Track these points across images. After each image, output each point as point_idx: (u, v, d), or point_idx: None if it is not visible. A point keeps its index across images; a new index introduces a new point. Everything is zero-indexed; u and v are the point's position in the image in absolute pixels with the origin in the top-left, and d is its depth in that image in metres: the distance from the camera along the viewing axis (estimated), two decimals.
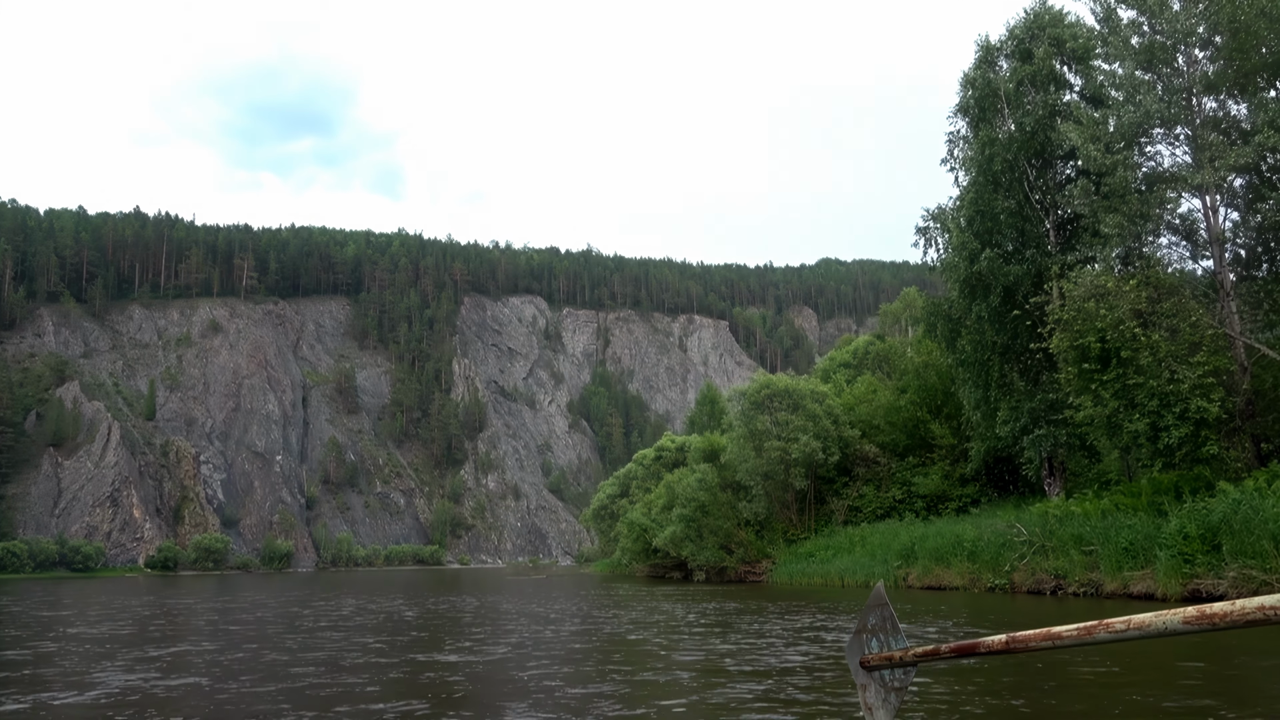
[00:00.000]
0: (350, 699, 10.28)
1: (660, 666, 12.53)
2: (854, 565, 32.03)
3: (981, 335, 31.34)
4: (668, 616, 22.02)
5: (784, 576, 36.14)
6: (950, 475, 37.15)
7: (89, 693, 11.46)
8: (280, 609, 29.27)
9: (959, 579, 26.40)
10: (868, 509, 37.99)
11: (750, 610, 22.93)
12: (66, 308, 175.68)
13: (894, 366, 45.77)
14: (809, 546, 36.86)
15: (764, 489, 38.57)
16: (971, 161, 31.32)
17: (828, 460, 37.87)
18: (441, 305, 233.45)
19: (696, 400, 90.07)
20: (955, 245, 31.23)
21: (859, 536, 34.72)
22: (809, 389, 39.27)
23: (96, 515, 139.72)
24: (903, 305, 64.53)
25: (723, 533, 39.61)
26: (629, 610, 24.94)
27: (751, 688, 10.38)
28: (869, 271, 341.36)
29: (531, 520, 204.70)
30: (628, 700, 9.44)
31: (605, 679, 11.19)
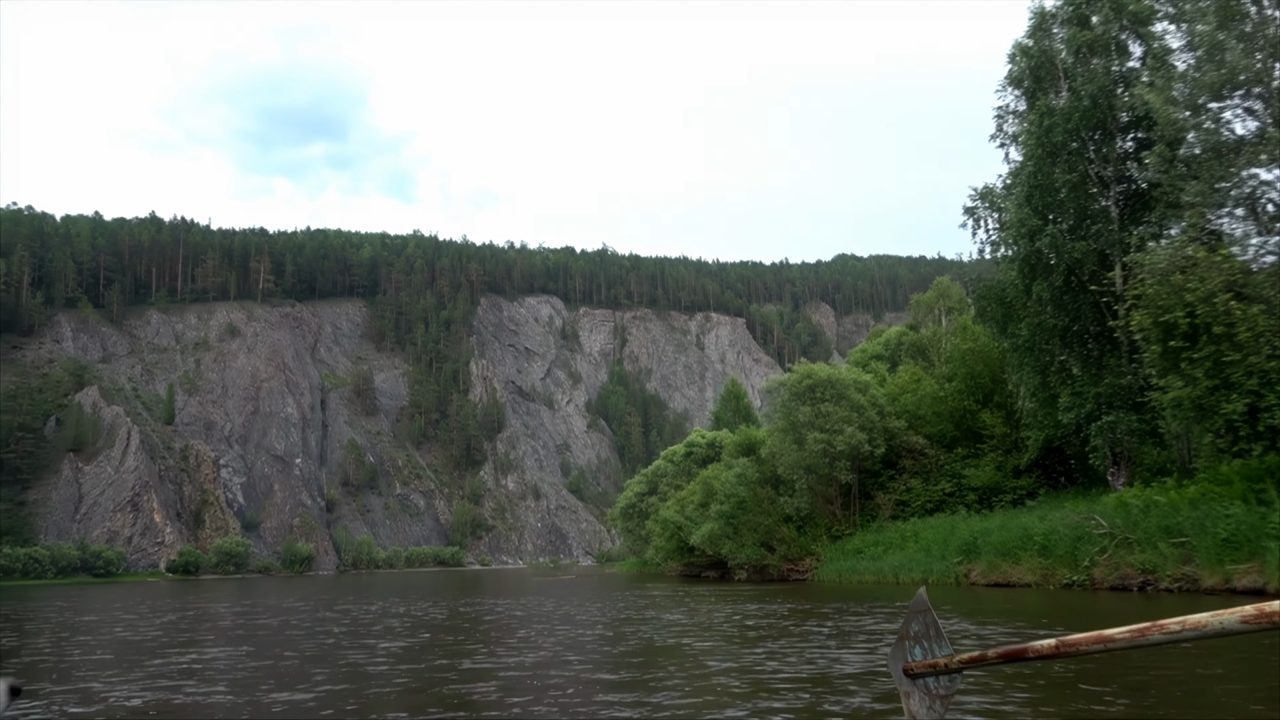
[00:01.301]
0: (390, 707, 9.69)
1: (709, 673, 11.54)
2: (908, 562, 30.39)
3: (1041, 317, 29.63)
4: (712, 619, 20.55)
5: (831, 574, 34.54)
6: (1003, 467, 35.42)
7: (122, 699, 10.81)
8: (310, 613, 28.04)
9: (1030, 575, 24.72)
10: (916, 503, 36.32)
11: (802, 611, 21.41)
12: (84, 314, 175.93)
13: (938, 354, 44.03)
14: (856, 543, 35.24)
15: (806, 483, 36.97)
16: (1029, 134, 29.59)
17: (873, 452, 36.23)
18: (458, 306, 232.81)
19: (720, 396, 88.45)
20: (1012, 223, 29.52)
21: (910, 531, 33.08)
22: (852, 378, 37.64)
23: (117, 520, 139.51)
24: (936, 295, 62.70)
25: (763, 529, 38.04)
26: (668, 612, 23.47)
27: (801, 696, 9.42)
28: (886, 267, 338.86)
29: (551, 520, 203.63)
30: (677, 712, 8.67)
31: (650, 688, 10.28)
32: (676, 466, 62.16)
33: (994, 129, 34.27)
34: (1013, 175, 32.06)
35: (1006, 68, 33.16)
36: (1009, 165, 33.77)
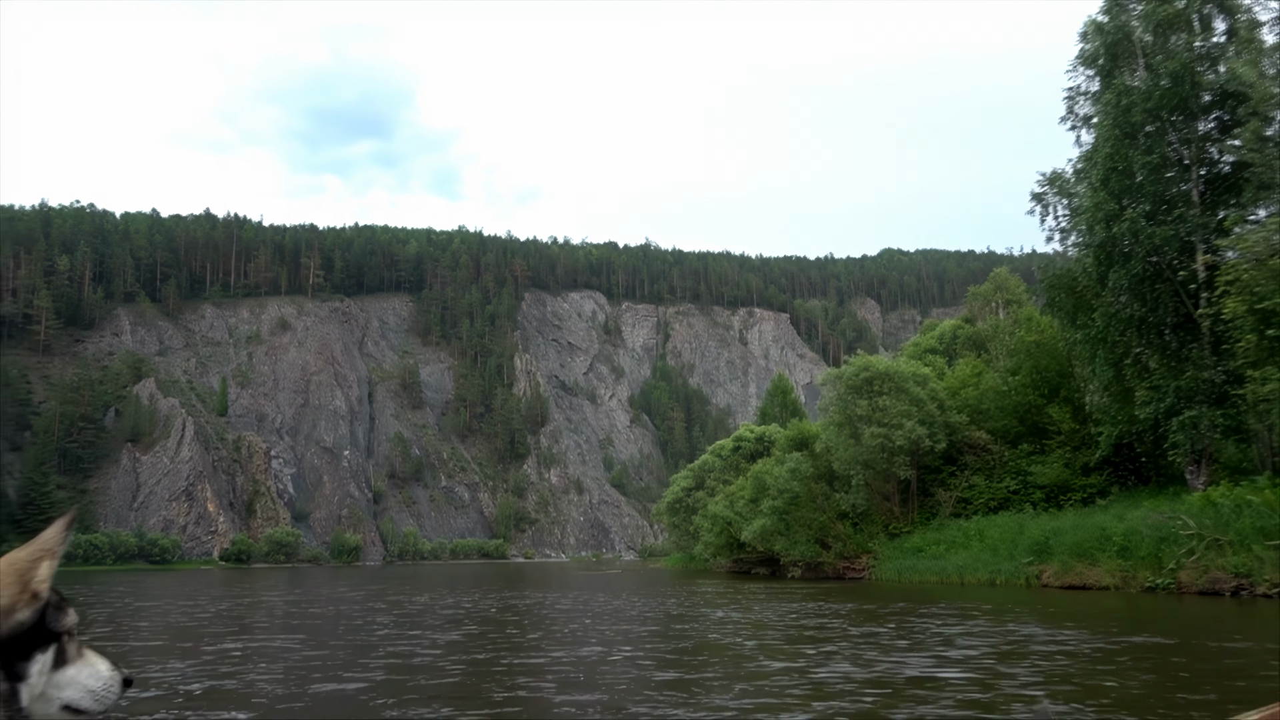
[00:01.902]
0: (442, 700, 9.52)
1: (766, 674, 11.12)
2: (974, 561, 29.29)
3: (1116, 307, 28.31)
4: (766, 617, 19.81)
5: (890, 573, 33.54)
6: (1072, 464, 34.06)
7: (179, 683, 10.97)
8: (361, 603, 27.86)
9: (1108, 578, 23.56)
10: (978, 500, 35.11)
11: (862, 612, 20.56)
12: (142, 307, 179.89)
13: (1001, 347, 42.59)
14: (916, 541, 34.18)
15: (863, 479, 35.96)
16: (1105, 114, 28.26)
17: (934, 448, 35.10)
18: (502, 301, 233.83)
19: (767, 391, 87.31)
20: (1086, 208, 28.23)
21: (974, 530, 31.93)
22: (911, 371, 36.52)
23: (173, 509, 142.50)
24: (993, 287, 61.01)
25: (817, 526, 37.12)
26: (720, 609, 22.79)
27: (863, 701, 9.03)
28: (933, 261, 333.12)
29: (594, 515, 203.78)
30: (734, 714, 8.39)
31: (706, 688, 9.90)
32: (724, 461, 61.32)
33: (1064, 111, 32.96)
34: (1085, 159, 30.73)
35: (1078, 46, 31.81)
36: (1080, 149, 32.46)
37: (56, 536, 1.14)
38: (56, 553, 1.14)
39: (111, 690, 1.27)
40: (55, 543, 1.14)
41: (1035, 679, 10.13)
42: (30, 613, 1.11)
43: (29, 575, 1.11)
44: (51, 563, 1.14)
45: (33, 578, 1.12)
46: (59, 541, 1.14)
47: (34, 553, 1.12)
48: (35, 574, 1.11)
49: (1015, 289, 59.95)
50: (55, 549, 1.14)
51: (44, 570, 1.12)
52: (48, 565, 1.13)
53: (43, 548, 1.13)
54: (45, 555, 1.13)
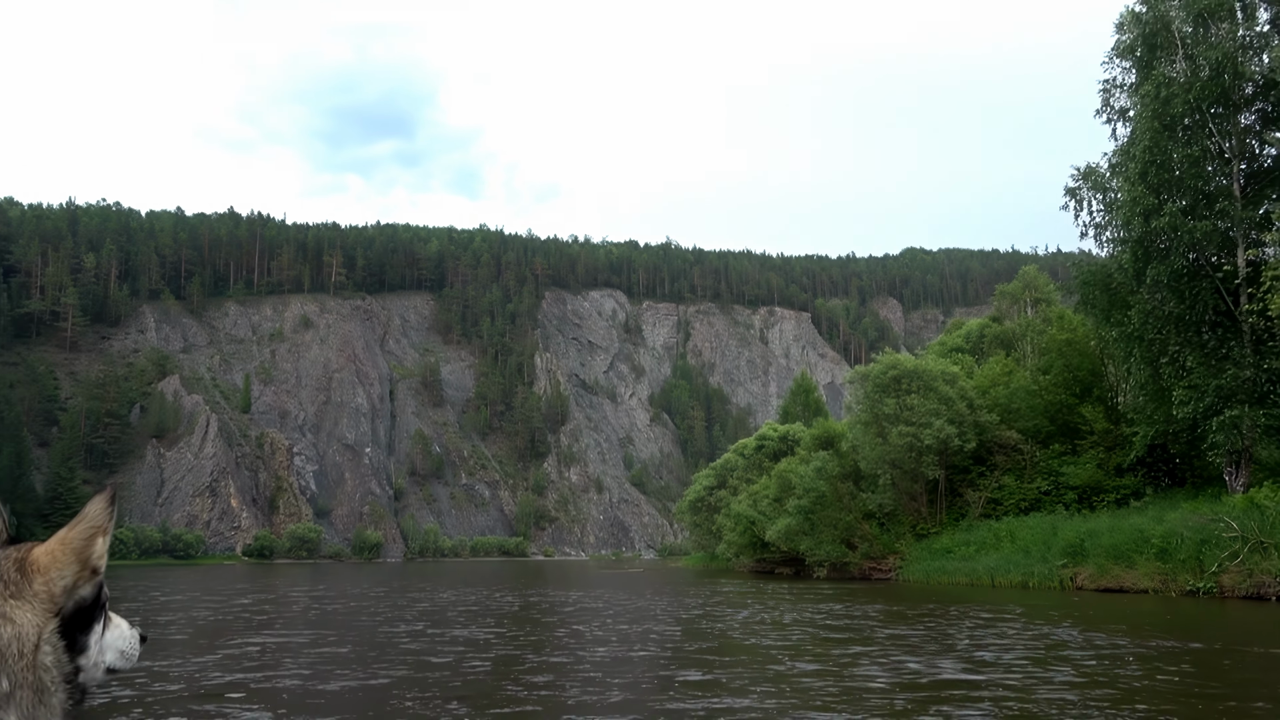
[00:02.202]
0: (467, 698, 9.36)
1: (794, 675, 10.85)
2: (1005, 563, 28.70)
3: (1156, 304, 27.62)
4: (793, 618, 19.40)
5: (917, 574, 32.98)
6: (1105, 465, 33.36)
7: (204, 677, 10.90)
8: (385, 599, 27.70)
9: (1146, 581, 22.95)
10: (1009, 501, 34.46)
11: (891, 613, 20.11)
12: (167, 305, 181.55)
13: (1032, 345, 41.83)
14: (944, 541, 33.58)
15: (890, 478, 35.39)
16: (1144, 105, 27.57)
17: (963, 447, 34.47)
18: (523, 299, 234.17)
19: (790, 390, 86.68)
20: (1124, 202, 27.55)
21: (1005, 531, 31.32)
22: (939, 369, 35.89)
23: (196, 504, 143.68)
24: (1021, 285, 60.09)
25: (843, 526, 36.59)
26: (744, 609, 22.40)
27: (895, 703, 8.71)
28: (956, 260, 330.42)
29: (614, 513, 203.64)
30: (762, 715, 8.16)
31: (733, 690, 9.62)
32: (747, 460, 60.82)
33: (1099, 104, 32.31)
34: (1122, 153, 30.03)
35: (1113, 38, 31.12)
36: (1115, 143, 31.78)
37: (104, 512, 1.18)
38: (108, 529, 1.18)
39: (135, 647, 1.31)
40: (105, 519, 1.17)
41: (1075, 684, 9.79)
42: (91, 588, 1.15)
43: (86, 552, 1.15)
44: (105, 539, 1.18)
45: (91, 554, 1.15)
46: (108, 517, 1.18)
47: (86, 530, 1.16)
48: (92, 551, 1.15)
49: (1044, 287, 59.05)
50: (106, 525, 1.18)
51: (100, 546, 1.16)
52: (102, 541, 1.17)
53: (94, 524, 1.16)
54: (98, 532, 1.16)
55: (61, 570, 1.14)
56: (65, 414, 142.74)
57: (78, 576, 1.14)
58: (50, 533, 1.16)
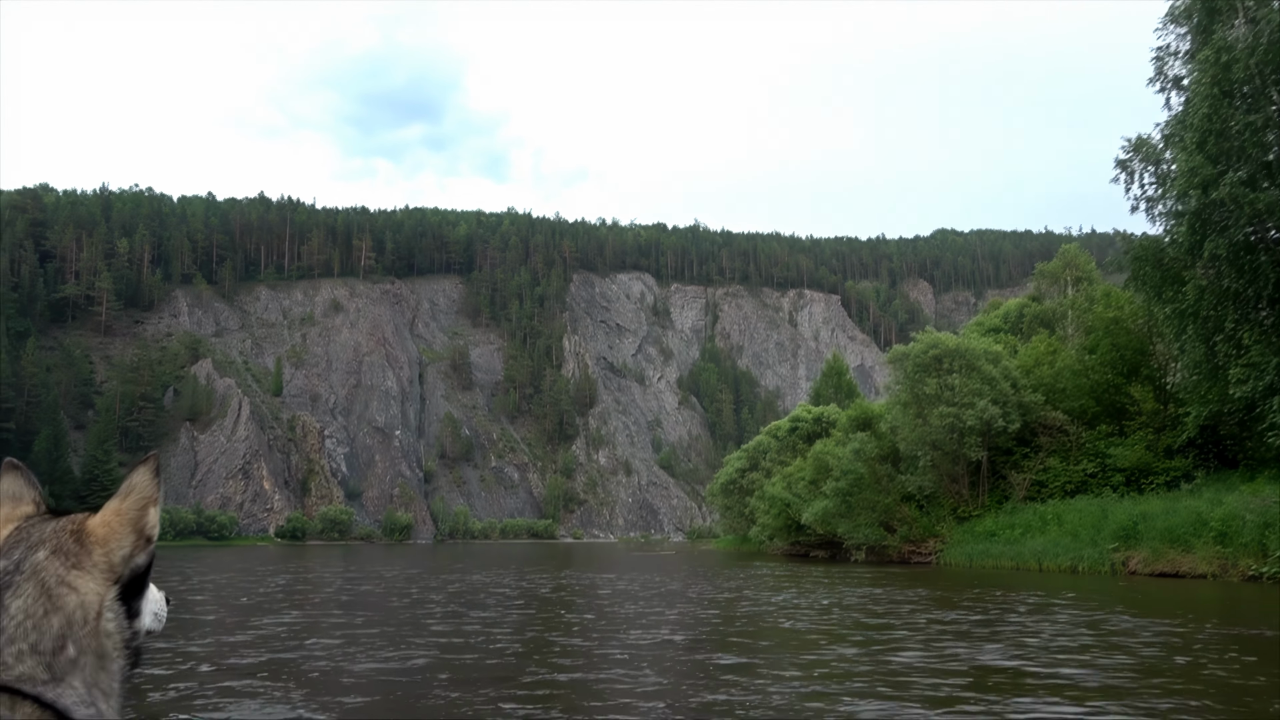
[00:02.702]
0: (507, 683, 9.09)
1: (837, 660, 10.50)
2: (1052, 546, 27.86)
3: (1212, 279, 26.53)
4: (834, 602, 18.80)
5: (959, 558, 32.22)
6: (1154, 446, 32.32)
7: (236, 657, 10.81)
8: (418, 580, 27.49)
9: (1205, 565, 22.08)
10: (1054, 483, 33.53)
11: (935, 598, 19.45)
12: (199, 289, 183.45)
13: (1078, 323, 40.68)
14: (988, 524, 32.77)
15: (930, 460, 34.57)
16: (1203, 71, 26.36)
17: (1007, 428, 33.55)
18: (551, 282, 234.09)
19: (822, 371, 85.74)
20: (1181, 172, 26.41)
21: (1051, 514, 30.44)
22: (982, 349, 34.93)
23: (230, 487, 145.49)
24: (1061, 264, 58.59)
25: (881, 508, 35.85)
26: (782, 593, 21.83)
27: (940, 689, 8.38)
28: (988, 242, 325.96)
29: (643, 496, 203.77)
30: (807, 701, 7.92)
31: (775, 676, 9.21)
32: (780, 442, 60.06)
33: (1152, 73, 31.08)
34: (1176, 122, 28.83)
35: (1167, 2, 29.87)
36: (1169, 112, 30.59)
37: (153, 483, 1.21)
38: (158, 498, 1.22)
39: (165, 609, 1.37)
40: (154, 489, 1.21)
41: (1135, 671, 9.24)
42: (145, 556, 1.20)
43: (141, 523, 1.19)
44: (157, 509, 1.22)
45: (145, 524, 1.20)
46: (156, 487, 1.21)
47: (138, 501, 1.20)
48: (146, 521, 1.20)
49: (1085, 266, 57.58)
50: (155, 495, 1.21)
51: (153, 517, 1.20)
52: (154, 511, 1.21)
53: (145, 496, 1.21)
54: (149, 502, 1.21)
55: (120, 541, 1.18)
56: (101, 397, 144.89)
57: (134, 546, 1.19)
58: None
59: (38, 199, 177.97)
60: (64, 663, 1.07)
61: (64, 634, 1.09)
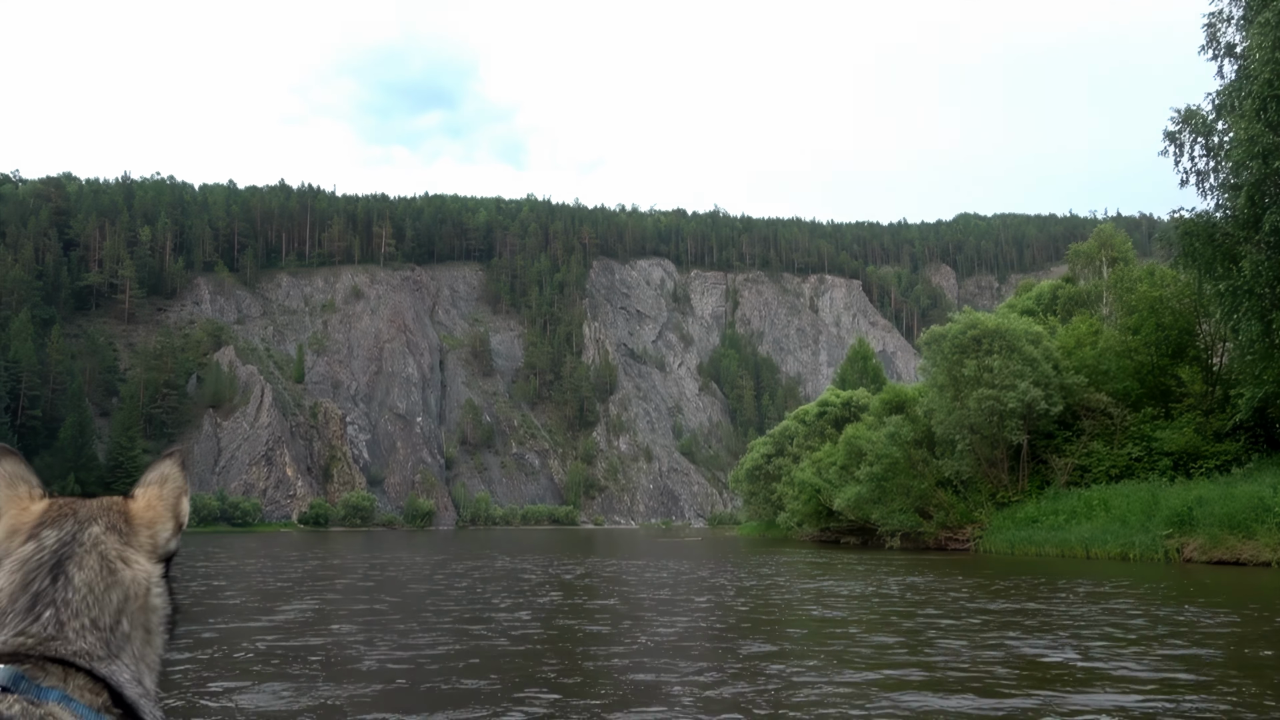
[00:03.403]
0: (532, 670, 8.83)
1: (877, 649, 9.96)
2: (1100, 533, 26.83)
3: (1271, 254, 25.34)
4: (871, 590, 17.97)
5: (999, 544, 31.24)
6: (1203, 429, 31.13)
7: (259, 642, 10.69)
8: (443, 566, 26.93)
9: (1268, 552, 21.04)
10: (1098, 468, 32.41)
11: (976, 586, 18.57)
12: (221, 277, 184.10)
13: (1116, 304, 39.39)
14: (1029, 510, 31.74)
15: (968, 444, 33.54)
16: (1263, 34, 25.10)
17: (1049, 411, 32.44)
18: (571, 269, 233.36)
19: (847, 356, 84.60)
20: (1241, 140, 25.20)
21: (1097, 499, 29.37)
22: (1023, 329, 33.80)
23: (253, 473, 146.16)
24: (1097, 244, 57.11)
25: (917, 494, 34.90)
26: (816, 580, 21.01)
27: (984, 679, 7.82)
28: (1011, 226, 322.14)
29: (663, 482, 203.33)
30: (850, 692, 7.47)
31: (816, 667, 8.73)
32: (808, 427, 59.03)
33: (1203, 40, 29.83)
34: (1232, 90, 27.57)
35: None
36: (1220, 80, 29.35)
37: (183, 475, 1.27)
38: (188, 489, 1.28)
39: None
40: (185, 481, 1.26)
41: (1197, 663, 8.56)
42: (177, 542, 1.25)
43: (178, 509, 1.25)
44: (188, 499, 1.28)
45: (181, 511, 1.26)
46: (186, 479, 1.27)
47: (174, 490, 1.25)
48: (182, 508, 1.26)
49: (1121, 246, 56.11)
50: (187, 486, 1.27)
51: (186, 505, 1.27)
52: (186, 501, 1.27)
53: (179, 486, 1.26)
54: (183, 492, 1.26)
55: (163, 524, 1.23)
56: (125, 384, 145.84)
57: (173, 531, 1.24)
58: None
59: (61, 188, 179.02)
60: (119, 638, 1.11)
61: (121, 609, 1.13)
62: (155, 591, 1.18)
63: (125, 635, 1.12)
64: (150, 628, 1.16)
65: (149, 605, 1.16)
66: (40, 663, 1.03)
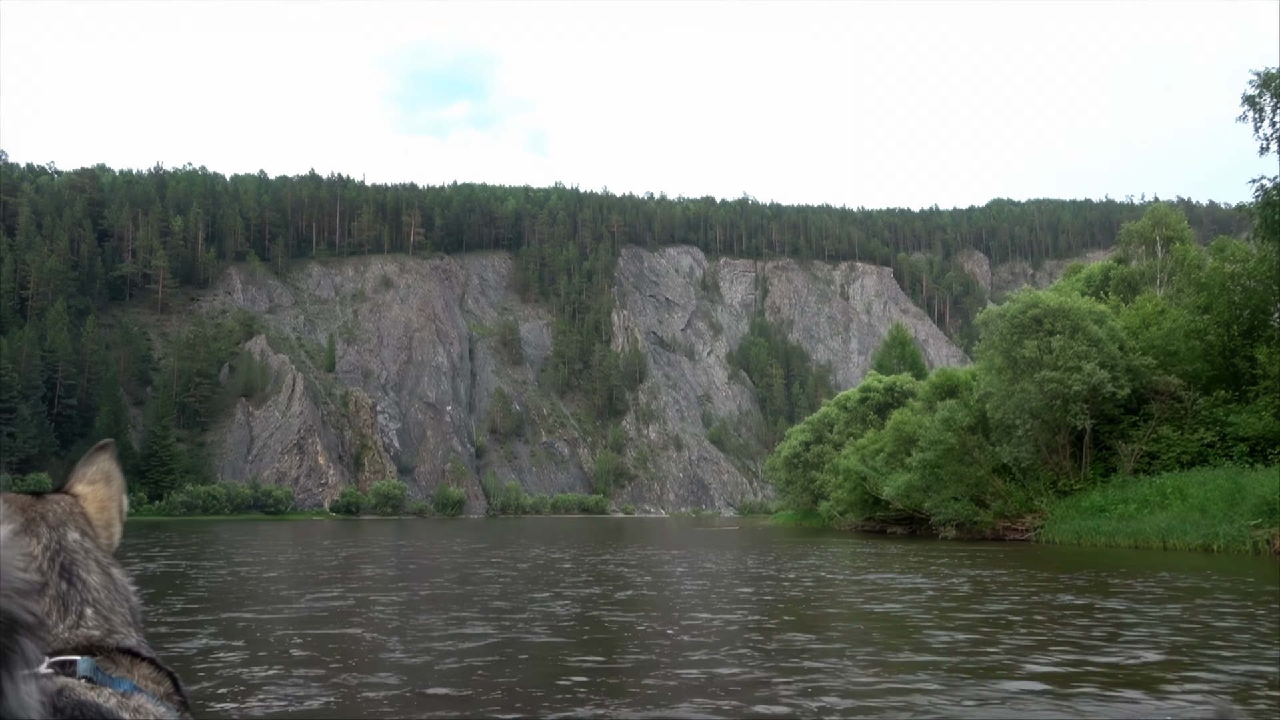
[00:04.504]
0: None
1: (950, 648, 8.92)
2: (1178, 523, 25.19)
3: None
4: (934, 584, 16.58)
5: (1065, 535, 29.64)
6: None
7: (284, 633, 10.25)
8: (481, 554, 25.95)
9: None
10: (1167, 454, 30.67)
11: (1049, 580, 17.15)
12: (252, 266, 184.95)
13: (1183, 282, 37.44)
14: (1095, 499, 30.10)
15: (1028, 429, 31.90)
16: None
17: (1115, 394, 30.72)
18: (599, 257, 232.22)
19: (884, 341, 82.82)
20: None
21: (1171, 487, 27.69)
22: (1087, 308, 32.04)
23: (285, 462, 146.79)
24: (1150, 223, 54.89)
25: (972, 481, 33.33)
26: (873, 573, 19.67)
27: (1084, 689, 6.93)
28: (1046, 211, 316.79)
29: (693, 471, 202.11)
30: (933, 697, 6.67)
31: (885, 666, 8.04)
32: (850, 413, 57.38)
33: None
34: None
35: None
36: None
37: (119, 470, 1.27)
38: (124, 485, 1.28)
39: None
40: (122, 478, 1.27)
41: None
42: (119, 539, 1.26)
43: (123, 509, 1.27)
44: (126, 495, 1.29)
45: (124, 510, 1.28)
46: (121, 475, 1.27)
47: (120, 488, 1.26)
48: (124, 507, 1.27)
49: (1177, 225, 53.88)
50: (124, 483, 1.28)
51: (126, 502, 1.28)
52: (126, 498, 1.28)
53: (121, 484, 1.26)
54: (123, 489, 1.27)
55: (116, 525, 1.24)
56: (158, 374, 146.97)
57: (121, 531, 1.24)
58: (147, 489, 1.55)
59: (95, 179, 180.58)
60: (142, 634, 1.13)
61: (131, 607, 1.14)
62: (132, 590, 1.17)
63: (142, 633, 1.13)
64: (140, 626, 1.16)
65: (135, 605, 1.17)
66: (111, 654, 1.03)
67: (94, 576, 1.10)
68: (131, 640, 1.07)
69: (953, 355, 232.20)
